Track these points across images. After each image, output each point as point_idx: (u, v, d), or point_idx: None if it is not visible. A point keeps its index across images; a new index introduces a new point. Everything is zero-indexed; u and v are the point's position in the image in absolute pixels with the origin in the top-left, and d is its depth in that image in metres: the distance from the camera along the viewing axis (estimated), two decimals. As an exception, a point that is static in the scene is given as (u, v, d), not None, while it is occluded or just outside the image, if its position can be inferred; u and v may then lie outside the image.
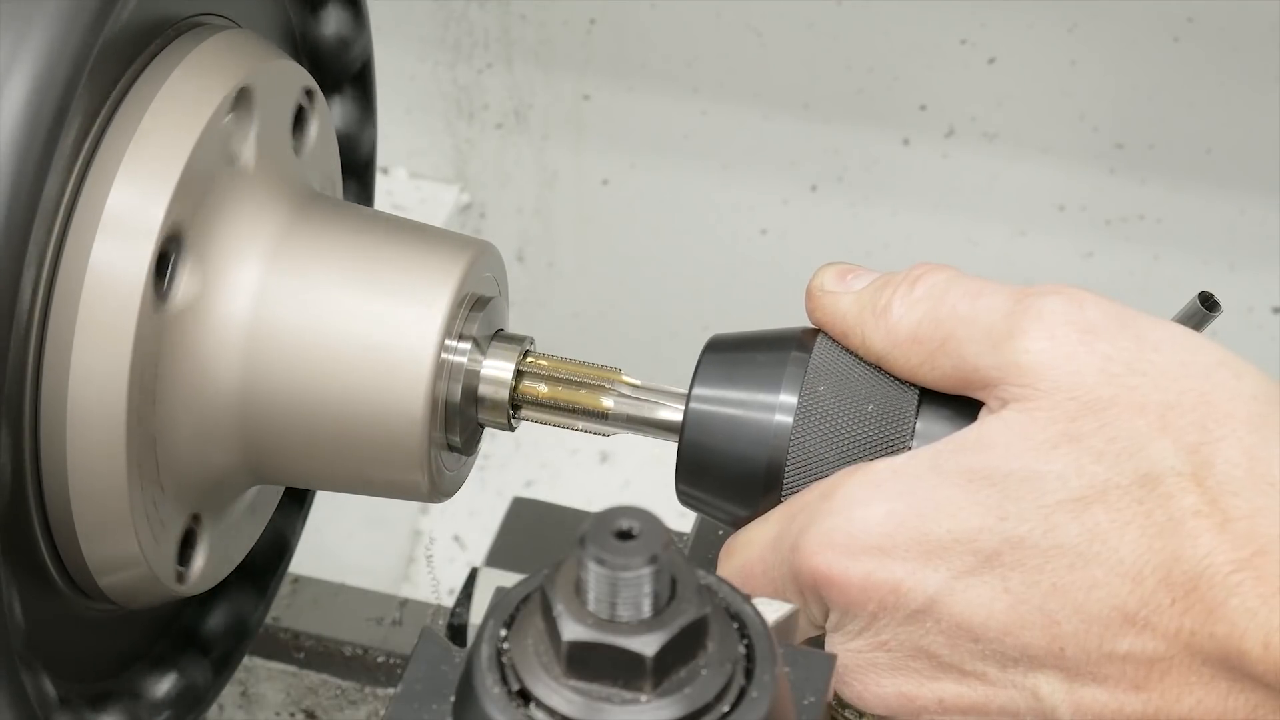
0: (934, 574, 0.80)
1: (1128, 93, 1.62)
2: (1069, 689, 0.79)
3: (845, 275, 0.87)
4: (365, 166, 1.11)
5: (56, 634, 0.92)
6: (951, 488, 0.80)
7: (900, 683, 0.82)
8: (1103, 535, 0.78)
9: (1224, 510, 0.76)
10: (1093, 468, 0.78)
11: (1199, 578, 0.76)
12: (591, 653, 0.64)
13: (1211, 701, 0.77)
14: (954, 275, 0.84)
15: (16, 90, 0.79)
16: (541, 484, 1.83)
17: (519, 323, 0.98)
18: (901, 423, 0.85)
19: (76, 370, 0.85)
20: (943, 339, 0.83)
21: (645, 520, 0.65)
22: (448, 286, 0.92)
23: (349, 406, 0.91)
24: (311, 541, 1.18)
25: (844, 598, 0.81)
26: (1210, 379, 0.79)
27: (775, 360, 0.87)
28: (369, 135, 1.09)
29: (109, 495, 0.87)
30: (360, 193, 1.11)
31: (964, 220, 1.71)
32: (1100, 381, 0.79)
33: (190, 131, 0.87)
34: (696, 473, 0.88)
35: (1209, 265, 1.67)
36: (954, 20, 1.62)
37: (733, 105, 1.70)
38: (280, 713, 1.28)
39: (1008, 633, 0.79)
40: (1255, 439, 0.77)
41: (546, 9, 1.68)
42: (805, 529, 0.82)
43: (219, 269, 0.90)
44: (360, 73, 1.07)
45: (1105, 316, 0.81)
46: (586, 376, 0.94)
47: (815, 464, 0.86)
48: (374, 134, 1.10)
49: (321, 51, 1.05)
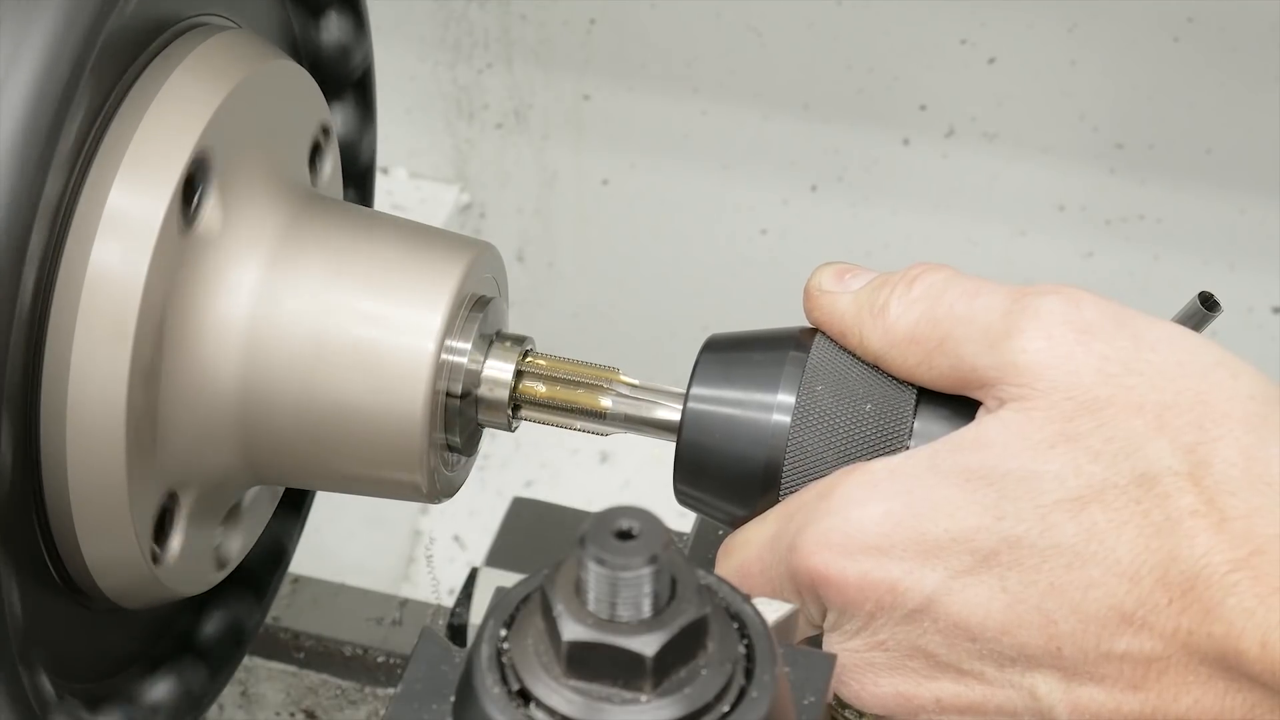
0: (931, 574, 0.80)
1: (1128, 93, 1.62)
2: (1066, 688, 0.79)
3: (843, 275, 0.87)
4: (365, 173, 1.11)
5: (55, 633, 0.92)
6: (949, 487, 0.80)
7: (898, 682, 0.82)
8: (1100, 535, 0.78)
9: (1221, 510, 0.76)
10: (1090, 467, 0.78)
11: (1196, 577, 0.76)
12: (591, 653, 0.64)
13: (1209, 701, 0.77)
14: (951, 275, 0.84)
15: (18, 90, 0.79)
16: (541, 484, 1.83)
17: (519, 323, 0.98)
18: (899, 422, 0.85)
19: (76, 370, 0.85)
20: (940, 339, 0.83)
21: (645, 520, 0.65)
22: (448, 287, 0.92)
23: (349, 407, 0.91)
24: (311, 541, 1.18)
25: (841, 597, 0.81)
26: (1207, 379, 0.79)
27: (773, 360, 0.87)
28: (369, 142, 1.10)
29: (108, 495, 0.87)
30: (360, 200, 1.11)
31: (964, 220, 1.71)
32: (1097, 381, 0.79)
33: (190, 132, 0.87)
34: (694, 472, 0.88)
35: (1209, 265, 1.68)
36: (954, 20, 1.62)
37: (733, 105, 1.70)
38: (280, 713, 1.28)
39: (1005, 632, 0.79)
40: (1252, 439, 0.77)
41: (546, 9, 1.68)
42: (803, 529, 0.82)
43: (219, 269, 0.90)
44: (361, 80, 1.07)
45: (1102, 316, 0.81)
46: (584, 376, 0.94)
47: (813, 463, 0.86)
48: (374, 141, 1.10)
49: (322, 58, 1.05)
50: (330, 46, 1.04)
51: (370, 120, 1.09)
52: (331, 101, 1.06)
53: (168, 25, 0.91)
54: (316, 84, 1.00)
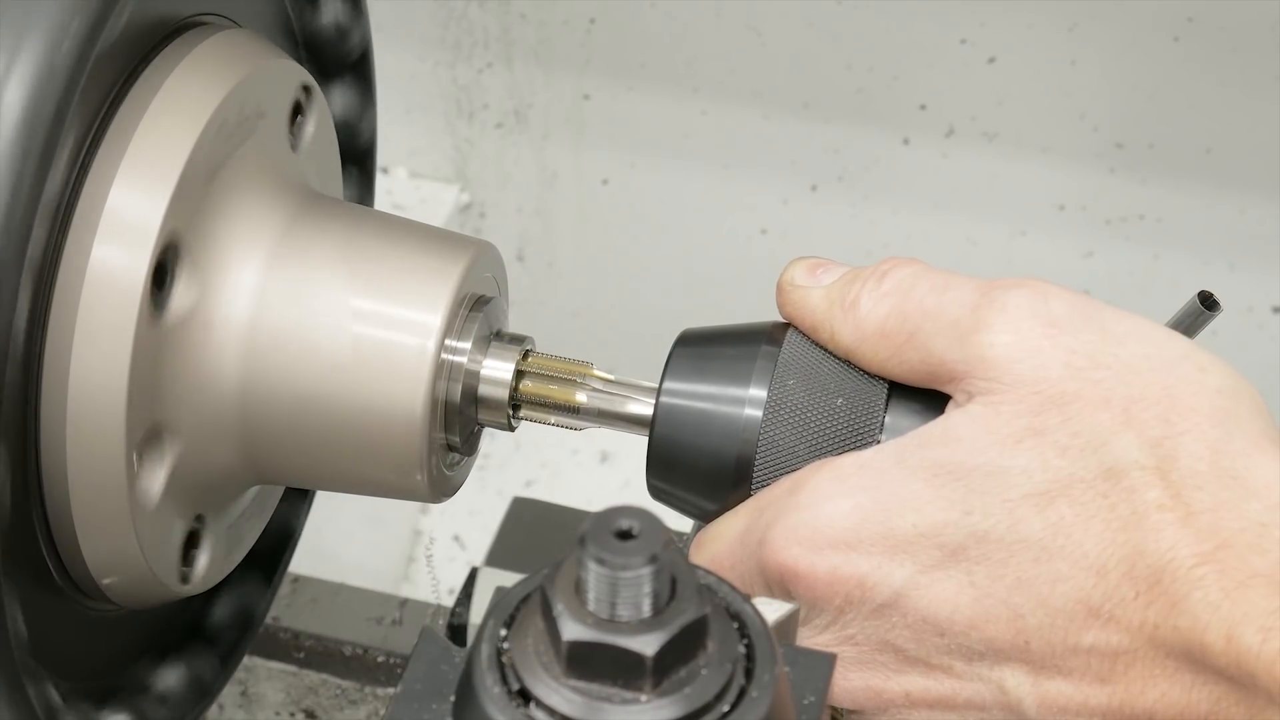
0: (899, 568, 0.80)
1: (1128, 93, 1.62)
2: (1034, 682, 0.79)
3: (815, 269, 0.87)
4: (366, 154, 1.10)
5: (60, 637, 0.92)
6: (916, 482, 0.80)
7: (867, 677, 0.83)
8: (1067, 529, 0.78)
9: (1187, 504, 0.76)
10: (1057, 462, 0.78)
11: (1162, 571, 0.76)
12: (591, 652, 0.64)
13: (1175, 694, 0.77)
14: (921, 269, 0.84)
15: (17, 90, 0.79)
16: (541, 484, 1.83)
17: (519, 323, 0.98)
18: (870, 416, 0.85)
19: (76, 373, 0.85)
20: (910, 333, 0.83)
21: (645, 520, 0.65)
22: (448, 287, 0.92)
23: (349, 407, 0.91)
24: (311, 541, 1.18)
25: (810, 592, 0.81)
26: (1174, 372, 0.79)
27: (745, 354, 0.87)
28: (369, 123, 1.09)
29: (110, 499, 0.87)
30: (361, 180, 1.11)
31: (964, 220, 1.71)
32: (1064, 375, 0.79)
33: (190, 132, 0.87)
34: (667, 467, 0.89)
35: (1209, 265, 1.68)
36: (954, 20, 1.62)
37: (733, 105, 1.70)
38: (280, 712, 1.28)
39: (973, 626, 0.80)
40: (1219, 432, 0.77)
41: (546, 9, 1.68)
42: (772, 523, 0.82)
43: (219, 269, 0.90)
44: (359, 61, 1.07)
45: (1070, 310, 0.81)
46: (559, 371, 0.94)
47: (785, 458, 0.86)
48: (374, 121, 1.10)
49: (320, 40, 1.05)
50: (327, 28, 1.04)
51: (370, 101, 1.09)
52: (330, 83, 1.06)
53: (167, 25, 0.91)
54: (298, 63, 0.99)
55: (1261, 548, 0.75)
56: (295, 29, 1.04)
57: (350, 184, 1.09)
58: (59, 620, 0.92)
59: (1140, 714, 0.78)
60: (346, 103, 1.08)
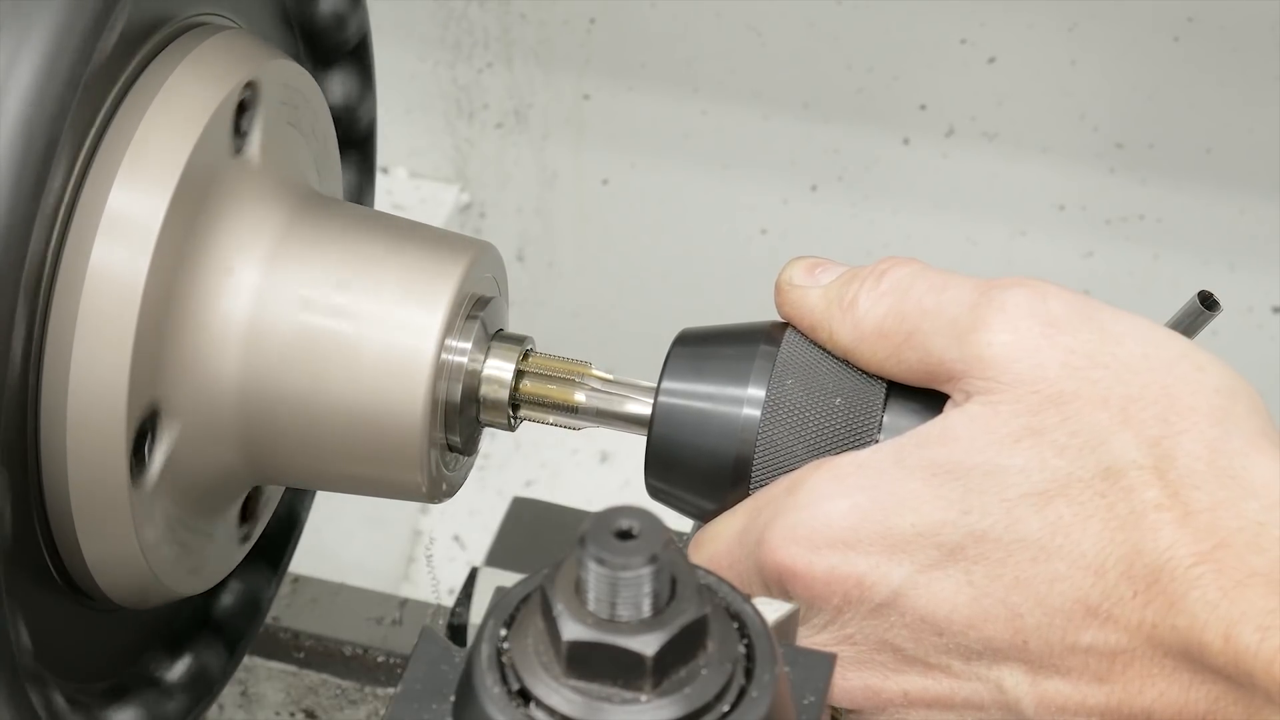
0: (898, 568, 0.80)
1: (1128, 93, 1.62)
2: (1032, 681, 0.80)
3: (813, 269, 0.87)
4: (365, 139, 1.10)
5: (64, 641, 0.92)
6: (915, 481, 0.80)
7: (866, 676, 0.83)
8: (1065, 529, 0.78)
9: (1185, 503, 0.76)
10: (1055, 461, 0.78)
11: (1160, 570, 0.76)
12: (591, 652, 0.64)
13: (1174, 694, 0.77)
14: (920, 268, 0.84)
15: (18, 91, 0.79)
16: (541, 484, 1.83)
17: (519, 323, 0.98)
18: (869, 416, 0.85)
19: (76, 376, 0.85)
20: (908, 332, 0.83)
21: (645, 520, 0.65)
22: (448, 287, 0.92)
23: (349, 407, 0.91)
24: (311, 541, 1.18)
25: (808, 592, 0.81)
26: (1172, 372, 0.79)
27: (744, 354, 0.87)
28: (368, 108, 1.09)
29: (110, 499, 0.87)
30: (361, 165, 1.10)
31: (964, 220, 1.71)
32: (1062, 375, 0.79)
33: (190, 132, 0.87)
34: (665, 466, 0.89)
35: (1209, 265, 1.68)
36: (954, 20, 1.62)
37: (733, 105, 1.70)
38: (280, 712, 1.28)
39: (971, 626, 0.80)
40: (1217, 432, 0.77)
41: (546, 9, 1.68)
42: (770, 523, 0.82)
43: (219, 269, 0.90)
44: (357, 48, 1.07)
45: (1068, 309, 0.81)
46: (558, 371, 0.94)
47: (783, 457, 0.86)
48: (373, 107, 1.09)
49: (318, 28, 1.04)
50: (326, 15, 1.04)
51: (369, 86, 1.08)
52: (329, 69, 1.06)
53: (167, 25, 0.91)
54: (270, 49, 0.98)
55: (1259, 547, 0.75)
56: (292, 19, 1.04)
57: (350, 169, 1.09)
58: (62, 624, 0.92)
59: (1138, 713, 0.78)
60: (346, 89, 1.08)
